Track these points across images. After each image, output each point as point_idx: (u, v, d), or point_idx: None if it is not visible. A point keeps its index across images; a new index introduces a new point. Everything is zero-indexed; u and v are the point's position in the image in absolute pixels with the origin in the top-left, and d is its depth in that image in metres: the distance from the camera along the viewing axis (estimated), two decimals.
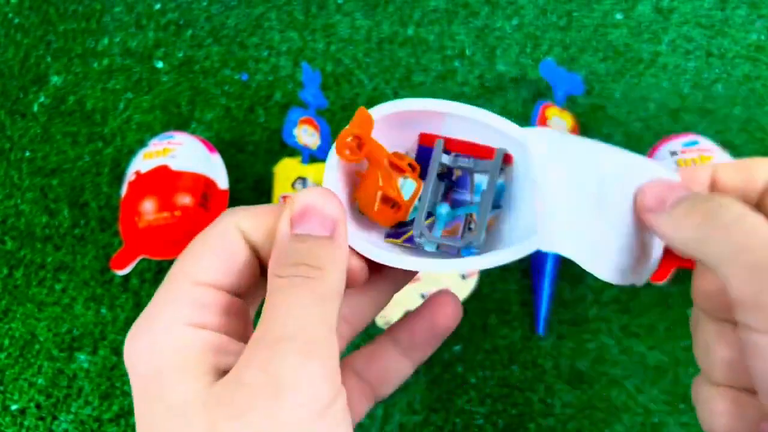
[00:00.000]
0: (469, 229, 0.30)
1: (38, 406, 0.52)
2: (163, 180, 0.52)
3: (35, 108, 0.66)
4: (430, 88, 0.63)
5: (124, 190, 0.53)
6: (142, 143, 0.63)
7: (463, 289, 0.48)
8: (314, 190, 0.23)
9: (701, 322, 0.24)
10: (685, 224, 0.22)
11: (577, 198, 0.27)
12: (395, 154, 0.29)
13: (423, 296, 0.49)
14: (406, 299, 0.50)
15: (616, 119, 0.61)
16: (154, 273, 0.56)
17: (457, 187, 0.30)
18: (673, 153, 0.51)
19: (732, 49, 0.63)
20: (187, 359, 0.20)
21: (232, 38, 0.68)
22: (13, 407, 0.52)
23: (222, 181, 0.55)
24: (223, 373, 0.20)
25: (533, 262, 0.52)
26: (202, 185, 0.53)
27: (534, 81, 0.63)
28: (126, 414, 0.50)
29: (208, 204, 0.53)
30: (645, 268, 0.26)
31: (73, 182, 0.61)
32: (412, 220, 0.29)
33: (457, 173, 0.30)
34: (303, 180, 0.54)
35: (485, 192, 0.28)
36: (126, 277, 0.56)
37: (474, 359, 0.51)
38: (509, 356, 0.51)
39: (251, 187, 0.60)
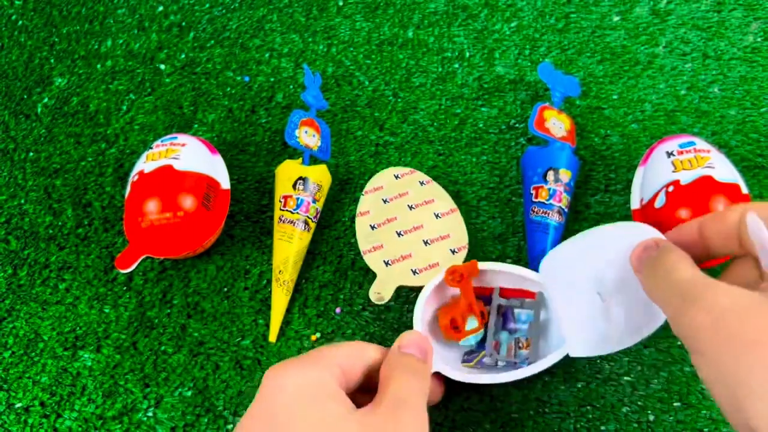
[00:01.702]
0: (519, 347, 0.47)
1: (42, 404, 0.52)
2: (167, 180, 0.52)
3: (39, 109, 0.66)
4: (430, 89, 0.64)
5: (128, 190, 0.54)
6: (145, 144, 0.63)
7: (455, 264, 0.49)
8: (415, 333, 0.40)
9: None
10: (646, 279, 0.34)
11: (576, 309, 0.42)
12: (479, 300, 0.48)
13: (414, 272, 0.51)
14: (399, 275, 0.51)
15: (613, 120, 0.61)
16: (157, 272, 0.57)
17: (504, 320, 0.49)
18: (670, 154, 0.51)
19: (728, 51, 0.64)
20: (336, 391, 0.33)
21: (234, 40, 0.69)
22: (18, 405, 0.52)
23: (224, 182, 0.56)
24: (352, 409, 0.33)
25: (532, 262, 0.53)
26: (204, 185, 0.53)
27: (532, 83, 0.64)
28: (129, 412, 0.51)
29: (210, 204, 0.53)
30: (653, 320, 0.38)
31: (77, 182, 0.62)
32: (479, 349, 0.47)
33: (501, 309, 0.48)
34: (304, 180, 0.55)
35: (533, 323, 0.47)
36: (129, 276, 0.57)
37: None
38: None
39: (253, 187, 0.60)
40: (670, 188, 0.49)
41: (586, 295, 0.41)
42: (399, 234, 0.53)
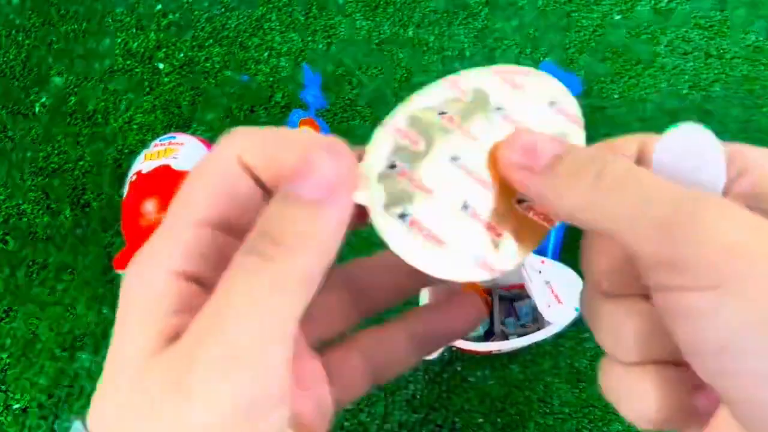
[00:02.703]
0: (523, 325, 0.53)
1: (40, 406, 0.52)
2: (165, 180, 0.52)
3: (37, 108, 0.66)
4: None
5: (126, 190, 0.54)
6: (144, 144, 0.63)
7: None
8: (321, 139, 0.19)
9: (602, 304, 0.20)
10: (572, 188, 0.18)
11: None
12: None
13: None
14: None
15: (615, 120, 0.61)
16: None
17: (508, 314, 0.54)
18: None
19: (731, 50, 0.64)
20: (151, 313, 0.18)
21: (233, 39, 0.69)
22: (16, 406, 0.52)
23: None
24: (176, 335, 0.17)
25: None
26: None
27: None
28: None
29: None
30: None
31: (75, 182, 0.62)
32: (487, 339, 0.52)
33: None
34: None
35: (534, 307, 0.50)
36: None
37: (473, 358, 0.51)
38: (508, 355, 0.51)
39: None
40: None
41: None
42: None
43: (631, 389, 0.19)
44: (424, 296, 0.46)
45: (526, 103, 0.22)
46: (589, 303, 0.21)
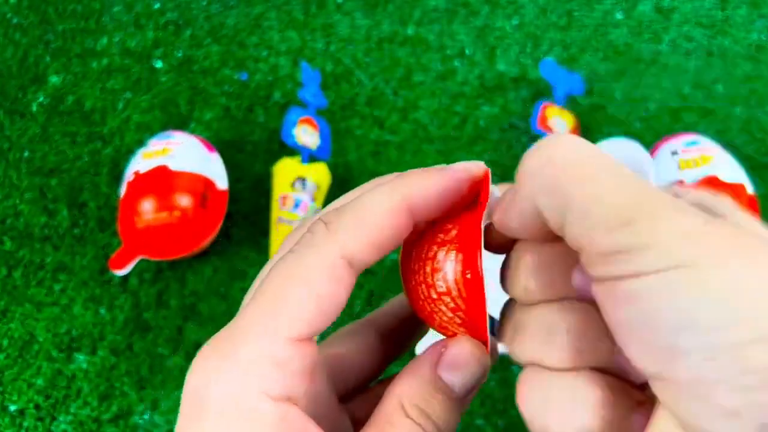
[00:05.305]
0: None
1: (37, 407, 0.51)
2: (162, 180, 0.51)
3: (34, 108, 0.65)
4: (430, 87, 0.63)
5: (123, 190, 0.53)
6: (141, 143, 0.62)
7: None
8: (467, 344, 0.20)
9: (530, 309, 0.20)
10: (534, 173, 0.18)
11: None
12: None
13: None
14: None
15: (617, 119, 0.60)
16: (154, 273, 0.56)
17: None
18: (674, 153, 0.51)
19: (732, 49, 0.63)
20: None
21: (231, 38, 0.68)
22: (12, 408, 0.51)
23: (221, 181, 0.55)
24: None
25: None
26: (201, 185, 0.52)
27: (534, 81, 0.63)
28: (125, 415, 0.50)
29: (207, 204, 0.52)
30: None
31: (72, 182, 0.61)
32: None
33: None
34: (302, 180, 0.54)
35: None
36: (125, 278, 0.56)
37: None
38: (509, 356, 0.51)
39: (251, 186, 0.60)
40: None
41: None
42: None
43: (561, 397, 0.18)
44: (419, 348, 0.42)
45: None
46: (515, 312, 0.20)
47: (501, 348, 0.24)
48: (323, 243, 0.18)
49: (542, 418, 0.18)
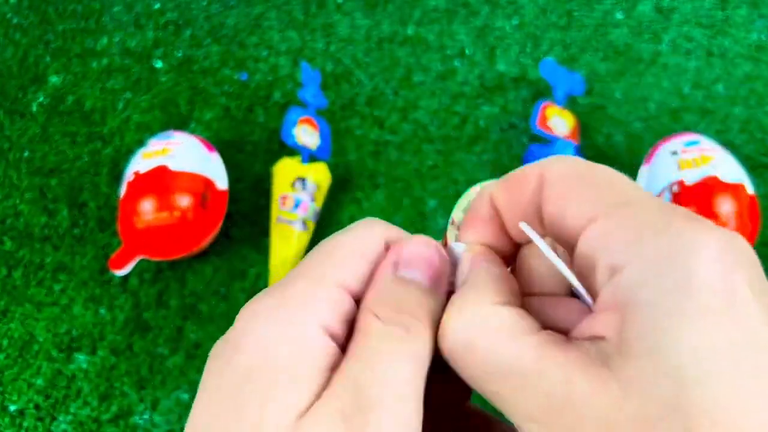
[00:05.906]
0: None
1: (37, 407, 0.51)
2: (162, 180, 0.51)
3: (34, 108, 0.66)
4: (430, 87, 0.63)
5: (123, 190, 0.53)
6: (141, 143, 0.62)
7: None
8: (422, 241, 0.22)
9: (521, 250, 0.22)
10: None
11: None
12: None
13: None
14: None
15: (617, 119, 0.60)
16: (154, 273, 0.56)
17: None
18: (674, 153, 0.51)
19: (732, 49, 0.63)
20: (302, 372, 0.19)
21: (231, 38, 0.68)
22: (12, 408, 0.51)
23: (221, 181, 0.55)
24: (320, 395, 0.18)
25: None
26: (201, 185, 0.52)
27: (534, 80, 0.63)
28: (125, 415, 0.50)
29: (207, 204, 0.52)
30: None
31: (72, 182, 0.61)
32: None
33: None
34: (302, 180, 0.54)
35: None
36: (125, 278, 0.56)
37: None
38: None
39: (250, 187, 0.60)
40: (675, 188, 0.48)
41: None
42: None
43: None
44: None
45: None
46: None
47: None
48: (367, 227, 0.22)
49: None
